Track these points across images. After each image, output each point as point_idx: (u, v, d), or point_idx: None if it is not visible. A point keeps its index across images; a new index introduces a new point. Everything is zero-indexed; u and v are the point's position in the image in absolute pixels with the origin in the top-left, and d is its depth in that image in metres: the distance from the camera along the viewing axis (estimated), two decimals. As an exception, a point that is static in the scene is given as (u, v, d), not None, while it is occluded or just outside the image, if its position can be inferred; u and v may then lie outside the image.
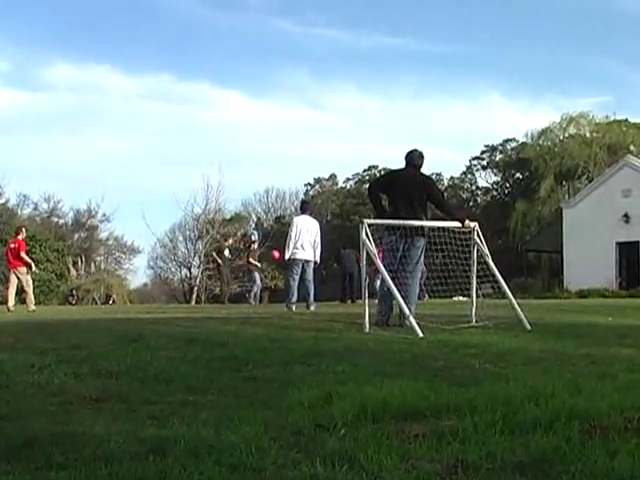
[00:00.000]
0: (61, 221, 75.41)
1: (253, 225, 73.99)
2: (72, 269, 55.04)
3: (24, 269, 22.54)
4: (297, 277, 17.75)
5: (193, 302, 30.48)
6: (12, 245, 22.91)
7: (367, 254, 10.84)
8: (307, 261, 17.77)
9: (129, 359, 7.54)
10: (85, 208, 75.15)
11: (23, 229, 24.41)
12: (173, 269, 76.02)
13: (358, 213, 58.36)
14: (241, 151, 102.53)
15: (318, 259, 18.26)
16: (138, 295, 71.97)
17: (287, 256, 17.85)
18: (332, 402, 4.94)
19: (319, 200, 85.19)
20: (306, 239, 17.68)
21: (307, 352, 7.82)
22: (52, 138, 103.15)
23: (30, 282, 22.64)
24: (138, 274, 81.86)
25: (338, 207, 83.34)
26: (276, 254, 25.10)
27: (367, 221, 11.08)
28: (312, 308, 17.40)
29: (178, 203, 67.42)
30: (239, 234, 73.35)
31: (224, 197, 62.92)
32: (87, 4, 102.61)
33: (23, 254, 22.59)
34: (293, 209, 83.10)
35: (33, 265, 23.12)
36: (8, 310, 21.06)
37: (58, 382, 6.35)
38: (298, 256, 17.61)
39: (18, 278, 22.39)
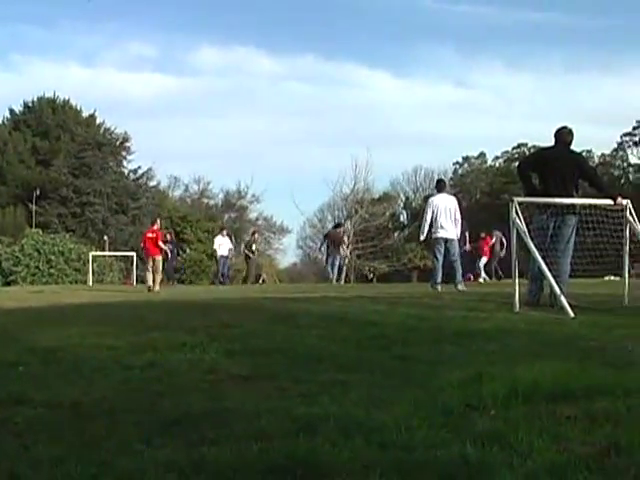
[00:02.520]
0: (211, 202, 77.06)
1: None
2: (222, 249, 56.14)
3: (160, 257, 24.25)
4: (440, 257, 17.57)
5: (342, 281, 30.76)
6: (150, 235, 24.62)
7: (517, 233, 10.67)
8: (449, 240, 17.53)
9: (279, 337, 7.65)
10: (235, 189, 76.61)
11: (158, 220, 26.43)
12: (322, 249, 76.68)
13: (508, 191, 57.49)
14: (389, 130, 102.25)
15: (459, 235, 18.09)
16: (287, 274, 72.95)
17: (422, 237, 17.80)
18: (482, 382, 4.89)
19: (468, 179, 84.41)
20: (446, 217, 17.45)
21: (457, 332, 7.77)
22: (200, 121, 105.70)
23: (160, 268, 24.20)
24: (287, 254, 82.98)
25: (487, 186, 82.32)
26: None
27: (517, 199, 10.92)
28: (460, 287, 17.25)
29: (327, 183, 67.81)
30: (387, 214, 73.36)
31: (372, 177, 62.99)
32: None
33: (161, 243, 24.49)
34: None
35: (169, 253, 24.27)
36: (149, 290, 22.22)
37: (210, 360, 6.49)
38: (439, 235, 17.37)
39: (154, 264, 23.91)
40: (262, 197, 75.07)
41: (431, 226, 17.45)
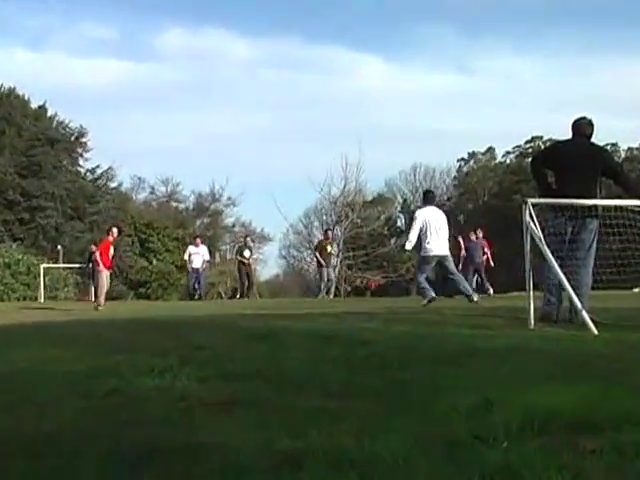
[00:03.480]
0: (181, 206, 77.05)
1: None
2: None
3: (99, 269, 24.33)
4: (425, 273, 18.01)
5: (331, 295, 30.82)
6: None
7: (532, 239, 10.66)
8: (444, 257, 17.90)
9: (259, 360, 7.65)
10: (208, 191, 76.67)
11: (114, 229, 25.64)
12: (308, 258, 76.58)
13: (520, 192, 57.69)
14: (383, 124, 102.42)
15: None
16: (269, 288, 73.02)
17: (409, 246, 18.24)
18: (492, 410, 4.89)
19: (474, 178, 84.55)
20: (437, 233, 17.75)
21: (462, 352, 7.76)
22: (167, 114, 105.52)
23: (101, 282, 24.11)
24: (269, 264, 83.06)
25: (496, 185, 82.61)
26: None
27: (531, 201, 10.91)
28: (475, 299, 17.50)
29: (313, 184, 67.67)
30: (382, 218, 73.44)
31: (365, 176, 63.04)
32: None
33: (97, 254, 24.61)
34: (444, 188, 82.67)
35: (101, 264, 24.06)
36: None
37: (181, 386, 6.47)
38: (433, 253, 17.73)
39: (98, 276, 24.28)
40: (239, 200, 75.28)
41: (420, 242, 17.63)
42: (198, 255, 31.87)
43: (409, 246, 18.20)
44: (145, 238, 58.37)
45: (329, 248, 31.52)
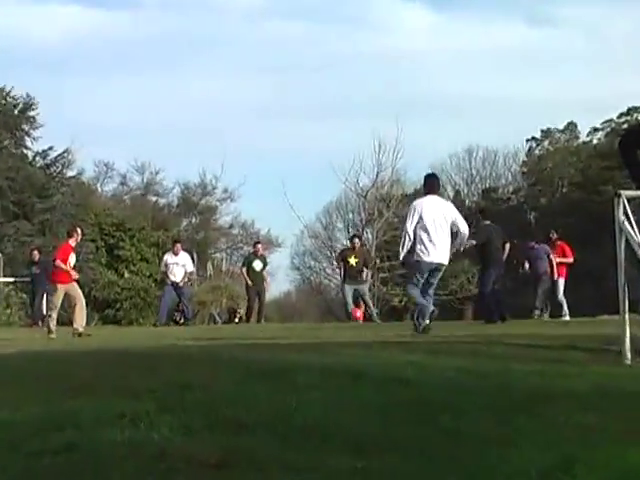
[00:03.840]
0: (162, 201, 76.82)
1: None
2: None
3: (54, 285, 24.22)
4: (419, 286, 17.59)
5: (360, 318, 30.65)
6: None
7: (627, 244, 10.59)
8: (440, 265, 17.69)
9: (265, 404, 7.65)
10: (197, 182, 76.44)
11: (78, 229, 25.65)
12: (329, 270, 76.66)
13: (611, 181, 57.56)
14: (428, 93, 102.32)
15: (461, 247, 18.09)
16: (278, 309, 72.90)
17: (401, 256, 17.99)
18: (574, 471, 4.87)
19: (550, 163, 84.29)
20: (436, 232, 17.43)
21: (533, 394, 7.75)
22: (143, 80, 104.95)
23: (58, 300, 24.15)
24: (277, 278, 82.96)
25: (579, 173, 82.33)
26: (357, 313, 28.39)
27: (626, 194, 10.83)
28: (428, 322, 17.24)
29: (335, 172, 67.56)
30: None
31: (404, 162, 63.01)
32: None
33: (58, 261, 23.98)
34: (510, 177, 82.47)
35: (74, 274, 23.79)
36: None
37: (160, 439, 6.46)
38: (426, 258, 17.41)
39: (51, 293, 24.44)
40: (238, 193, 75.19)
41: (414, 243, 17.25)
42: (177, 266, 31.62)
43: (402, 255, 17.81)
44: (114, 243, 58.23)
45: (352, 260, 31.28)
